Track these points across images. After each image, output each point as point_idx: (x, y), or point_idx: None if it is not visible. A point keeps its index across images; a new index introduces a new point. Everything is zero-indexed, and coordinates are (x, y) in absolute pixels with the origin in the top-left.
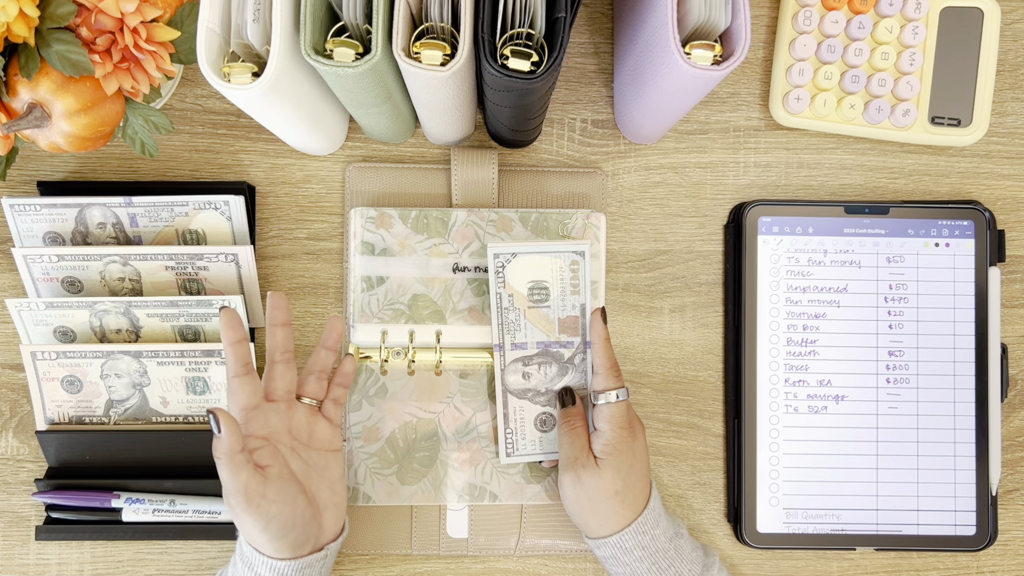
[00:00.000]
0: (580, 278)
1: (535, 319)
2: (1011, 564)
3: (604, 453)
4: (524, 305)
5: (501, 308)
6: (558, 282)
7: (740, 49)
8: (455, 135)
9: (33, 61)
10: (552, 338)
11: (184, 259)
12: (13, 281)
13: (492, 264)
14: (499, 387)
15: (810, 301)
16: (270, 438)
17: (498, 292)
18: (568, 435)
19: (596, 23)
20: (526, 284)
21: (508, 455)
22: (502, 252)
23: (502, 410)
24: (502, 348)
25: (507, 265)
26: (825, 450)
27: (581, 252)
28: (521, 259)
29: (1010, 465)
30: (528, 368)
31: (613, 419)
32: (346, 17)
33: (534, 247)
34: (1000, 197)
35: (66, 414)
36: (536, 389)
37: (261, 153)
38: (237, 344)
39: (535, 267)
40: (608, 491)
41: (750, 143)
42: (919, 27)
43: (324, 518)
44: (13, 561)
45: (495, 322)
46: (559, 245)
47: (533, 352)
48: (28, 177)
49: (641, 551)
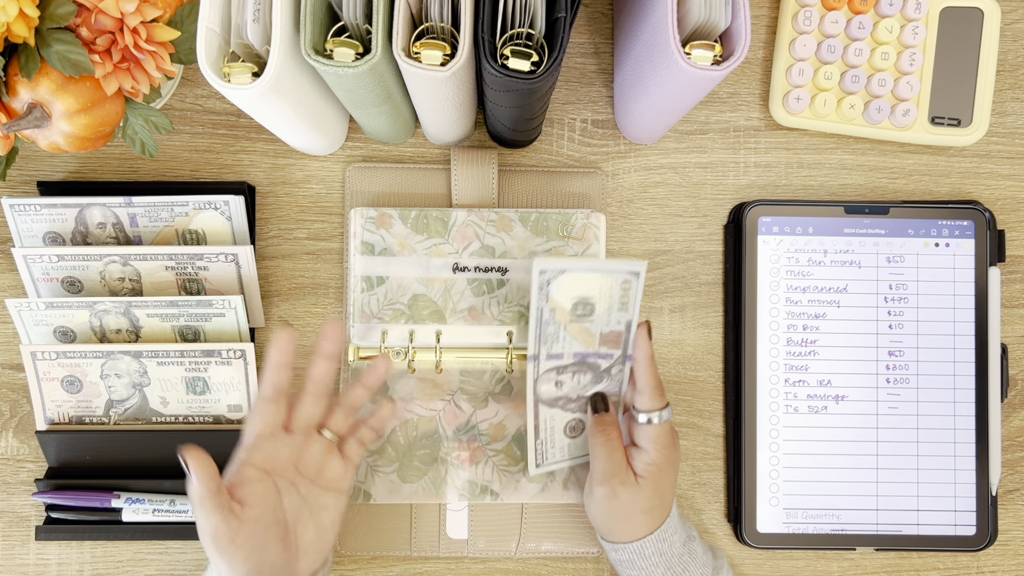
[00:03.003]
0: (631, 297)
1: (576, 332)
2: (1011, 564)
3: (647, 473)
4: (565, 319)
5: (541, 322)
6: (606, 299)
7: (740, 49)
8: (455, 135)
9: (33, 61)
10: (591, 350)
11: (184, 259)
12: (13, 281)
13: (536, 279)
14: (530, 398)
15: (810, 301)
16: (271, 471)
17: (540, 307)
18: (604, 446)
19: (596, 23)
20: (571, 300)
21: (538, 466)
22: (549, 268)
23: (533, 421)
24: (537, 359)
25: (553, 280)
26: (825, 450)
27: (636, 272)
28: (569, 276)
29: (1010, 465)
30: (562, 376)
31: (659, 439)
32: (346, 17)
33: (586, 265)
34: (1000, 197)
35: (66, 414)
36: (568, 396)
37: (261, 153)
38: (279, 368)
39: (584, 284)
40: (643, 507)
41: (750, 143)
42: (919, 27)
43: (300, 564)
44: (13, 561)
45: (533, 335)
46: (614, 264)
47: (569, 362)
48: (28, 177)
49: (659, 557)
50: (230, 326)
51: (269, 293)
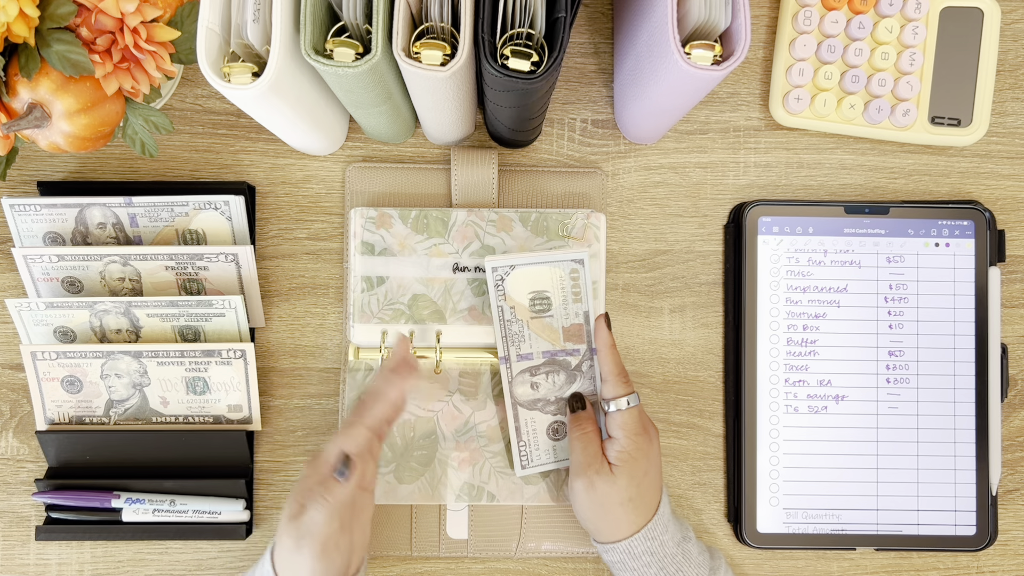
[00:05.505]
0: (581, 286)
1: (539, 329)
2: (1011, 564)
3: (620, 460)
4: (527, 316)
5: (504, 320)
6: (559, 291)
7: (740, 49)
8: (455, 135)
9: (33, 61)
10: (558, 347)
11: (184, 259)
12: (13, 281)
13: (491, 277)
14: (508, 400)
15: (810, 301)
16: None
17: (499, 305)
18: (580, 440)
19: (596, 23)
20: (527, 295)
21: (523, 467)
22: (500, 265)
23: (513, 423)
24: (508, 360)
25: (506, 278)
26: (825, 450)
27: (580, 260)
28: (520, 271)
29: (1010, 465)
30: (536, 378)
31: (626, 426)
32: (346, 17)
33: (531, 258)
34: (1000, 197)
35: (66, 414)
36: (546, 399)
37: (261, 153)
38: (396, 406)
39: (534, 278)
40: (621, 498)
41: (750, 143)
42: (919, 27)
43: (354, 560)
44: (13, 561)
45: (498, 335)
46: (557, 255)
47: (540, 362)
48: (28, 177)
49: (650, 556)
50: (230, 326)
51: (269, 293)
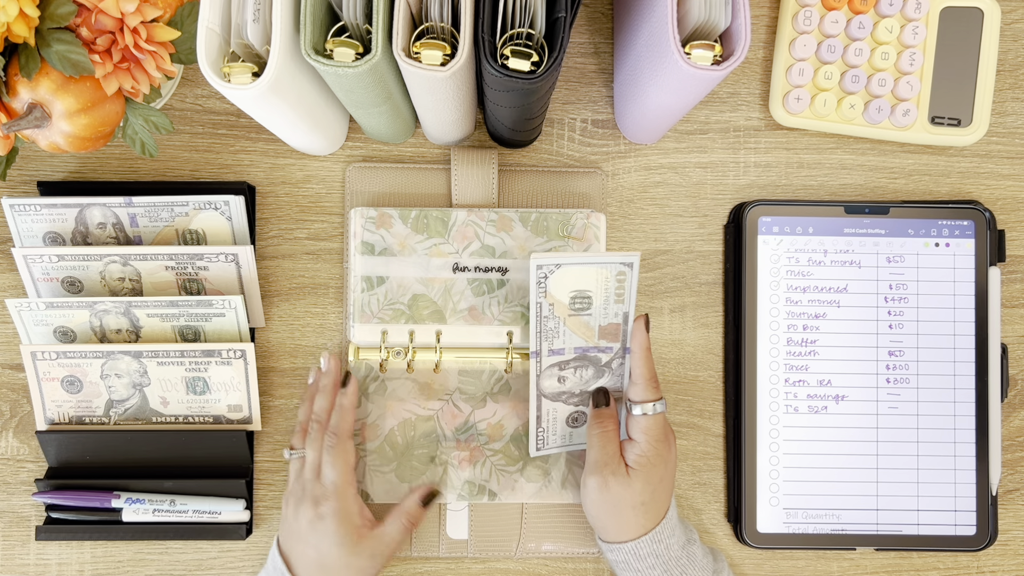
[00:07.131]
0: (626, 288)
1: (575, 326)
2: (1011, 564)
3: (638, 464)
4: (564, 313)
5: (541, 317)
6: (602, 291)
7: (740, 49)
8: (455, 135)
9: (33, 61)
10: (591, 344)
11: (184, 259)
12: (13, 281)
13: (535, 275)
14: (533, 392)
15: (810, 301)
16: None
17: (539, 302)
18: (600, 437)
19: (596, 23)
20: (568, 293)
21: (538, 448)
22: (546, 263)
23: (535, 412)
24: (539, 355)
25: (550, 276)
26: (825, 450)
27: (630, 264)
28: (565, 269)
29: (1010, 465)
30: (564, 372)
31: (650, 431)
32: (346, 17)
33: (581, 258)
34: (1000, 197)
35: (66, 414)
36: (571, 391)
37: (261, 153)
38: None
39: (579, 277)
40: (634, 501)
41: (750, 143)
42: (919, 27)
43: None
44: (13, 561)
45: (534, 330)
46: (607, 256)
47: (570, 357)
48: (28, 177)
49: (655, 559)
50: (230, 326)
51: (269, 293)
